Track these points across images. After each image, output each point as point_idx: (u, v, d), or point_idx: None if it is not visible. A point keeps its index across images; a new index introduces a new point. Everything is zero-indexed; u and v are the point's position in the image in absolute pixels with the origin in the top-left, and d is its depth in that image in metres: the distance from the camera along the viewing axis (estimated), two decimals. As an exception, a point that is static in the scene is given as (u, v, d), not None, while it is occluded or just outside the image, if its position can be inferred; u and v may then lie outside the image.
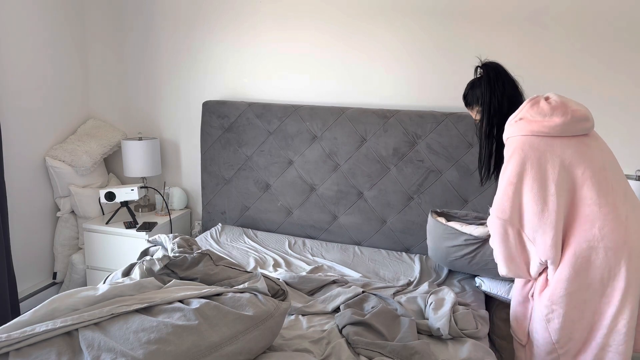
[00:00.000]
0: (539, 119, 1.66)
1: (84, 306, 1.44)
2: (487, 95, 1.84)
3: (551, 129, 1.64)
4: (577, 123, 1.65)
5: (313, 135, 2.76)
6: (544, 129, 1.65)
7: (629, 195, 1.69)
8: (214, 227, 2.92)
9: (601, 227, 1.60)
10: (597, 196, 1.62)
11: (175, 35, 3.06)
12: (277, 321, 1.55)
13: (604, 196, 1.62)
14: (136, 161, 3.02)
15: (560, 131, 1.64)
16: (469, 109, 1.96)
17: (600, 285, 1.61)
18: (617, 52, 2.41)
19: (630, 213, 1.64)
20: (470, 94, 1.92)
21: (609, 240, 1.59)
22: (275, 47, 2.89)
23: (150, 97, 3.20)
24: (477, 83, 1.90)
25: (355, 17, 2.73)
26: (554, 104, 1.67)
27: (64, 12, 3.04)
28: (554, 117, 1.64)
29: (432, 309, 1.88)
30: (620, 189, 1.67)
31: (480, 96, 1.87)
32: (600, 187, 1.63)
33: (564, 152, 1.64)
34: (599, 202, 1.61)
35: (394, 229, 2.68)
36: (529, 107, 1.70)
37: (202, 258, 1.81)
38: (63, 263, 3.09)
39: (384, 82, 2.75)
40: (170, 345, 1.31)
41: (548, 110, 1.66)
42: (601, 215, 1.61)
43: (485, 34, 2.55)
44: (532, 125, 1.66)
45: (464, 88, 1.98)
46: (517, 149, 1.66)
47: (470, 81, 1.94)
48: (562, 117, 1.64)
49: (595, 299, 1.62)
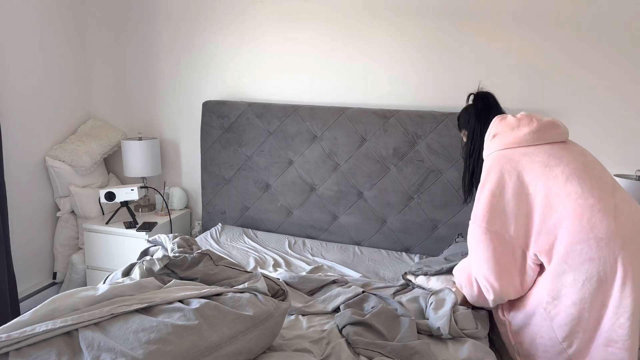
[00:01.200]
0: (509, 131, 1.81)
1: (84, 306, 1.44)
2: (473, 121, 2.03)
3: (522, 139, 1.78)
4: (546, 130, 1.77)
5: (313, 135, 2.76)
6: (515, 139, 1.78)
7: (617, 190, 1.70)
8: (214, 227, 2.92)
9: (589, 218, 1.61)
10: (581, 190, 1.64)
11: (175, 35, 3.06)
12: (277, 321, 1.55)
13: (588, 189, 1.65)
14: (136, 161, 3.02)
15: (531, 139, 1.77)
16: (460, 131, 2.14)
17: (598, 278, 1.60)
18: (616, 51, 2.41)
19: (619, 203, 1.65)
20: (462, 118, 2.09)
21: (598, 231, 1.59)
22: (275, 47, 2.89)
23: (150, 97, 3.20)
24: (469, 109, 2.06)
25: (355, 17, 2.73)
26: (519, 117, 1.84)
27: (64, 12, 3.04)
28: (521, 128, 1.79)
29: (432, 308, 1.88)
30: (607, 185, 1.69)
31: (467, 121, 2.05)
32: (584, 182, 1.66)
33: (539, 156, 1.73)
34: (584, 195, 1.63)
35: (394, 229, 2.68)
36: (498, 122, 1.86)
37: (202, 258, 1.81)
38: (63, 263, 3.09)
39: (384, 82, 2.75)
40: (170, 345, 1.31)
41: (514, 122, 1.81)
42: (587, 207, 1.62)
43: (486, 34, 2.55)
44: (505, 139, 1.80)
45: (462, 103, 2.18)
46: (495, 163, 1.80)
47: (465, 107, 2.10)
48: (528, 126, 1.78)
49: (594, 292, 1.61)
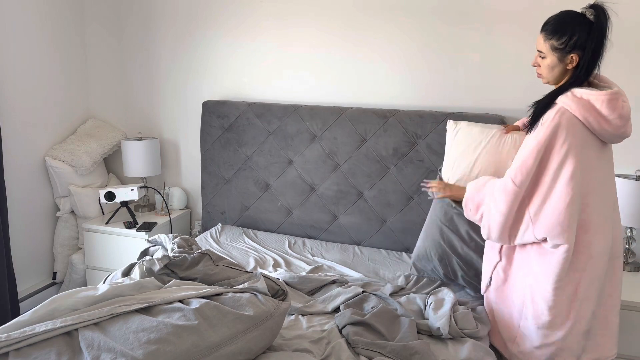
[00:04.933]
0: (607, 117, 1.60)
1: (84, 306, 1.44)
2: (591, 44, 1.60)
3: (602, 130, 1.64)
4: (617, 138, 1.70)
5: (313, 135, 2.76)
6: (599, 128, 1.63)
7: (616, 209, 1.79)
8: (214, 227, 2.92)
9: (593, 234, 1.68)
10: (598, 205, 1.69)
11: (175, 35, 3.06)
12: (277, 321, 1.55)
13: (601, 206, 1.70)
14: (136, 161, 3.02)
15: (608, 138, 1.69)
16: (547, 37, 1.67)
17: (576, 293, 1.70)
18: (617, 51, 2.41)
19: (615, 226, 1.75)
20: (569, 27, 1.62)
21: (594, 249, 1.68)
22: (275, 47, 2.89)
23: (150, 97, 3.20)
24: (579, 20, 1.62)
25: (355, 17, 2.73)
26: (626, 113, 1.62)
27: (64, 12, 3.04)
28: (622, 122, 1.62)
29: (432, 308, 1.88)
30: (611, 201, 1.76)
31: (576, 40, 1.61)
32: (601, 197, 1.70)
33: (590, 152, 1.67)
34: (599, 212, 1.69)
35: (394, 229, 2.68)
36: (612, 102, 1.60)
37: (202, 258, 1.81)
38: (63, 263, 3.09)
39: (384, 82, 2.75)
40: (170, 345, 1.31)
41: (621, 112, 1.61)
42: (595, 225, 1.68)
43: (486, 34, 2.55)
44: (594, 120, 1.61)
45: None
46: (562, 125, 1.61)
47: (568, 12, 1.66)
48: (629, 129, 1.66)
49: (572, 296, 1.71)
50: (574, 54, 1.63)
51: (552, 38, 1.65)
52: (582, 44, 1.61)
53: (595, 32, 1.59)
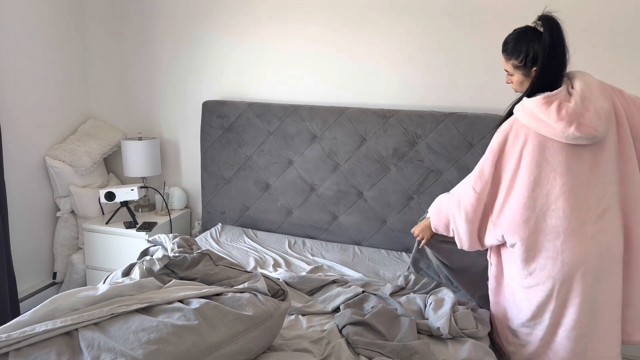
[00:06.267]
0: (547, 121, 1.61)
1: (84, 306, 1.44)
2: (545, 59, 1.63)
3: (554, 135, 1.62)
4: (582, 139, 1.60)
5: (313, 135, 2.76)
6: (548, 133, 1.63)
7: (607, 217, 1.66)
8: (214, 227, 2.92)
9: (564, 241, 1.65)
10: (570, 210, 1.64)
11: (175, 35, 3.06)
12: (277, 321, 1.55)
13: (577, 211, 1.64)
14: (136, 161, 3.02)
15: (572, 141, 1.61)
16: (507, 58, 1.74)
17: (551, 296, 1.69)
18: (617, 52, 2.41)
19: (598, 234, 1.65)
20: (523, 44, 1.68)
21: (566, 255, 1.65)
22: (275, 47, 2.89)
23: (150, 97, 3.20)
24: (531, 36, 1.68)
25: (355, 17, 2.73)
26: (568, 115, 1.58)
27: (64, 12, 3.04)
28: (562, 124, 1.58)
29: (432, 308, 1.88)
30: (599, 208, 1.66)
31: (532, 55, 1.66)
32: (576, 202, 1.64)
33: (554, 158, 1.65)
34: (570, 217, 1.64)
35: (394, 229, 2.68)
36: (543, 106, 1.61)
37: (202, 258, 1.81)
38: (63, 263, 3.09)
39: (384, 81, 2.75)
40: (170, 345, 1.31)
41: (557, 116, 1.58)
42: (568, 230, 1.65)
43: (486, 34, 2.55)
44: (539, 126, 1.63)
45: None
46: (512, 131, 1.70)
47: (522, 29, 1.72)
48: (576, 130, 1.58)
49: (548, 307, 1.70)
50: (535, 67, 1.69)
51: (512, 58, 1.73)
52: (539, 56, 1.66)
53: (546, 42, 1.63)
